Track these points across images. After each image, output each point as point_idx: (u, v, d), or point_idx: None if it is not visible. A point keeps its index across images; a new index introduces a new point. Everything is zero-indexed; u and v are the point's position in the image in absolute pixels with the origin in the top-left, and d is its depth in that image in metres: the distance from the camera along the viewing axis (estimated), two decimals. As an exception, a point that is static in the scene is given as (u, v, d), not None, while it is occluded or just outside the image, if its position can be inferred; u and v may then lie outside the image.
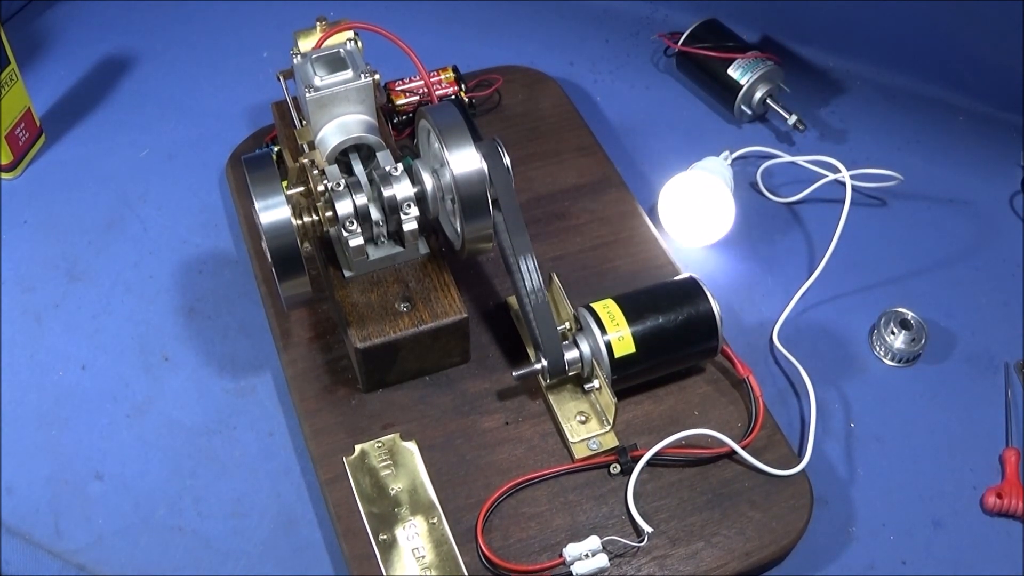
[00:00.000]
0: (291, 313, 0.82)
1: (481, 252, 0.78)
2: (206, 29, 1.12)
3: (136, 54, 1.10)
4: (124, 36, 1.12)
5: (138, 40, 1.11)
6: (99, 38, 1.12)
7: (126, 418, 0.81)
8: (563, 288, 0.78)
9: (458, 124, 0.74)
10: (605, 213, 0.90)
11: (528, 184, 0.91)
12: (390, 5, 1.13)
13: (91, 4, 1.16)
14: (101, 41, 1.11)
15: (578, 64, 1.08)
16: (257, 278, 0.86)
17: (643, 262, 0.86)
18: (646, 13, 1.13)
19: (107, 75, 1.08)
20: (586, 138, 0.96)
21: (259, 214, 0.70)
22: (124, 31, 1.13)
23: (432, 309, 0.76)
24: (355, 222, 0.74)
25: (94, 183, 0.97)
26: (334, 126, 0.78)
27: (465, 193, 0.73)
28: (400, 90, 0.94)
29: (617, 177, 0.93)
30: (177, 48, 1.10)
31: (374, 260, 0.78)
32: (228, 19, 1.13)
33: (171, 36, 1.12)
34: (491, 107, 0.99)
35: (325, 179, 0.75)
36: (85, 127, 1.03)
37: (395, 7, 1.13)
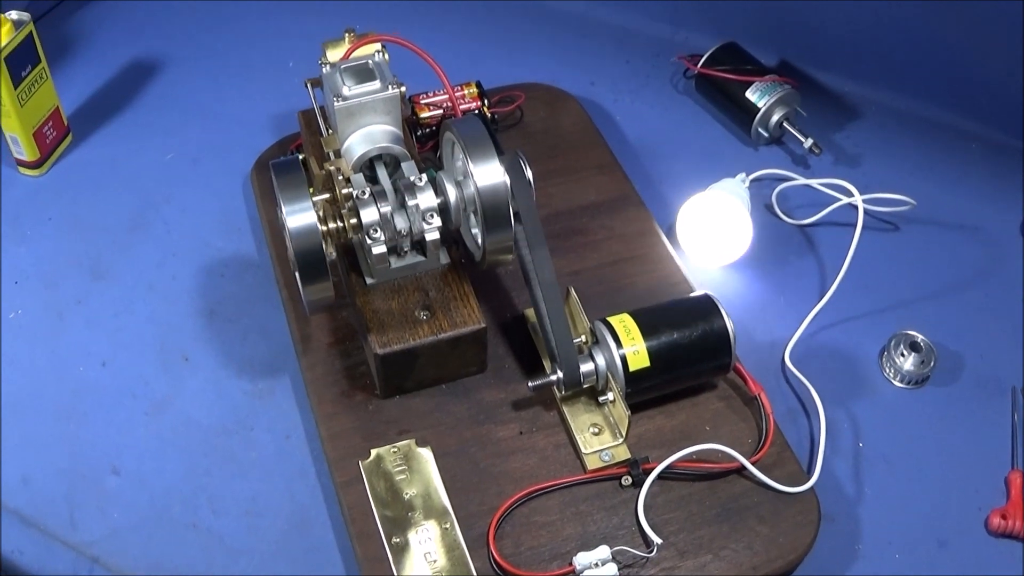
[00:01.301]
0: (311, 318, 0.84)
1: (501, 264, 0.80)
2: (234, 37, 1.15)
3: (164, 58, 1.12)
4: (153, 40, 1.15)
5: (167, 45, 1.14)
6: (128, 41, 1.14)
7: (144, 415, 0.82)
8: (580, 302, 0.80)
9: (483, 137, 0.76)
10: (623, 230, 0.92)
11: (548, 200, 0.94)
12: (415, 20, 1.16)
13: (122, 6, 1.19)
14: (130, 44, 1.14)
15: (599, 84, 1.11)
16: (278, 283, 0.88)
17: (659, 279, 0.88)
18: (667, 35, 1.16)
19: (135, 78, 1.11)
20: (605, 156, 0.99)
21: (286, 218, 0.72)
22: (153, 35, 1.15)
23: (451, 318, 0.78)
24: (379, 230, 0.76)
25: (119, 184, 1.00)
26: (360, 135, 0.80)
27: (488, 205, 0.75)
28: (424, 103, 0.96)
29: (635, 196, 0.95)
30: (205, 54, 1.13)
31: (396, 268, 0.80)
32: (256, 28, 1.16)
33: (199, 42, 1.14)
34: (513, 123, 1.02)
35: (350, 187, 0.77)
36: (112, 128, 1.06)
37: (420, 23, 1.15)
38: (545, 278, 0.77)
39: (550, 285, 0.77)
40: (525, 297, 0.85)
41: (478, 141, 0.76)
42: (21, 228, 0.96)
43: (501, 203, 0.75)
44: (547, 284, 0.77)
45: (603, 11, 1.18)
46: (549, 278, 0.77)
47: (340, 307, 0.85)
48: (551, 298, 0.77)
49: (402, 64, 0.85)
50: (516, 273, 0.85)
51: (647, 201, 0.95)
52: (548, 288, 0.77)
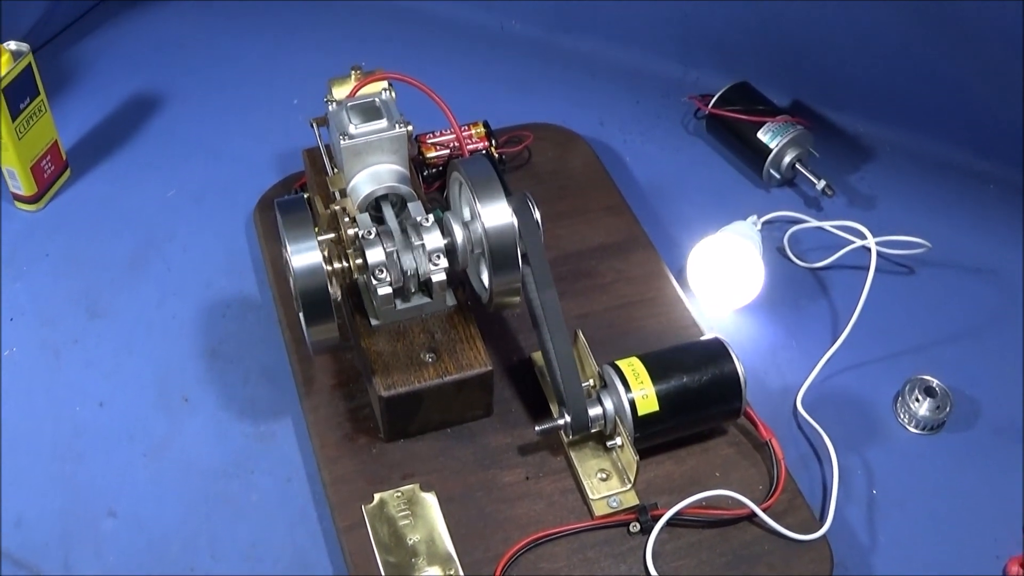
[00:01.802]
0: (315, 359, 0.88)
1: (508, 307, 0.83)
2: (238, 73, 1.20)
3: (167, 94, 1.17)
4: (155, 75, 1.19)
5: (169, 80, 1.18)
6: (130, 75, 1.19)
7: (143, 457, 0.85)
8: (588, 345, 0.84)
9: (491, 177, 0.79)
10: (632, 273, 0.96)
11: (556, 241, 0.97)
12: (422, 58, 1.20)
13: (123, 38, 1.24)
14: (132, 78, 1.18)
15: (608, 124, 1.15)
16: (281, 323, 0.92)
17: (669, 323, 0.92)
18: (677, 75, 1.20)
19: (136, 112, 1.15)
20: (614, 198, 1.03)
21: (291, 257, 0.75)
22: (156, 70, 1.20)
23: (457, 361, 0.81)
24: (385, 270, 0.79)
25: (119, 221, 1.03)
26: (367, 175, 0.84)
27: (495, 246, 0.78)
28: (431, 143, 1.01)
29: (644, 237, 0.99)
30: (208, 91, 1.17)
31: (401, 310, 0.83)
32: (260, 65, 1.21)
33: (202, 78, 1.19)
34: (521, 163, 1.06)
35: (356, 226, 0.80)
36: (112, 164, 1.09)
37: (427, 61, 1.20)
38: (553, 321, 0.80)
39: (558, 328, 0.80)
40: (532, 340, 0.88)
41: (486, 181, 0.79)
42: (17, 264, 0.99)
43: (509, 244, 0.79)
44: (555, 327, 0.80)
45: (612, 51, 1.22)
46: (557, 321, 0.80)
47: (344, 348, 0.88)
48: (559, 341, 0.80)
49: (408, 103, 0.88)
50: (523, 315, 0.88)
51: (657, 243, 0.99)
52: (556, 331, 0.80)
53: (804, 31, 1.12)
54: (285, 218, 0.77)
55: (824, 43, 1.12)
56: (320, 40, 1.24)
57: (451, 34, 1.25)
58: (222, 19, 1.27)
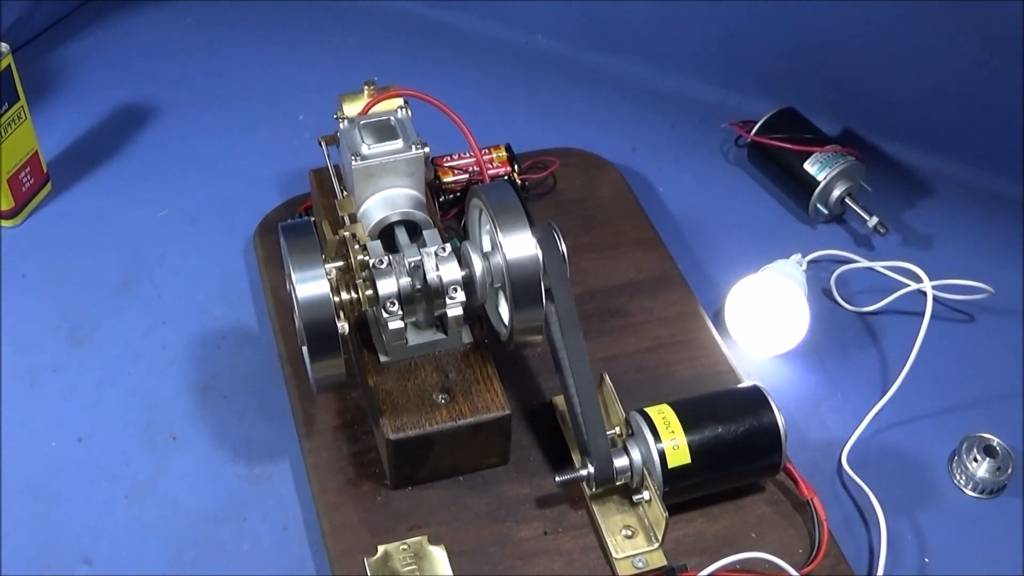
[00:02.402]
0: (316, 398, 0.90)
1: (529, 346, 0.86)
2: (239, 84, 1.23)
3: (160, 104, 1.20)
4: (147, 83, 1.22)
5: (163, 88, 1.22)
6: (119, 82, 1.22)
7: (124, 499, 0.87)
8: (615, 390, 0.86)
9: (514, 205, 0.82)
10: (664, 313, 0.99)
11: (582, 276, 1.00)
12: (440, 75, 1.24)
13: (112, 41, 1.27)
14: (121, 86, 1.21)
15: (641, 150, 1.18)
16: (281, 357, 0.95)
17: (703, 368, 0.94)
18: (717, 99, 1.23)
19: (126, 123, 1.18)
20: (646, 231, 1.06)
21: (296, 286, 0.78)
22: (148, 77, 1.23)
23: (472, 403, 0.84)
24: (396, 303, 0.82)
25: (105, 240, 1.06)
26: (379, 199, 0.87)
27: (517, 280, 0.81)
28: (449, 166, 1.04)
29: (678, 275, 1.02)
30: (205, 102, 1.21)
31: (413, 346, 0.86)
32: (263, 76, 1.24)
33: (199, 88, 1.22)
34: (545, 191, 1.09)
35: (367, 255, 0.83)
36: (98, 178, 1.12)
37: (446, 78, 1.23)
38: (577, 363, 0.83)
39: (583, 371, 0.83)
40: (554, 383, 0.90)
41: (508, 209, 0.82)
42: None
43: (532, 278, 0.81)
44: (579, 369, 0.83)
45: (647, 71, 1.25)
46: (582, 363, 0.83)
47: (349, 386, 0.91)
48: (583, 385, 0.83)
49: (425, 122, 0.91)
50: (545, 356, 0.92)
51: (692, 282, 1.02)
52: (580, 374, 0.83)
53: (856, 53, 1.15)
54: (290, 243, 0.79)
55: (878, 67, 1.14)
56: (330, 51, 1.27)
57: (472, 49, 1.28)
58: (222, 24, 1.30)
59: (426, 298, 0.83)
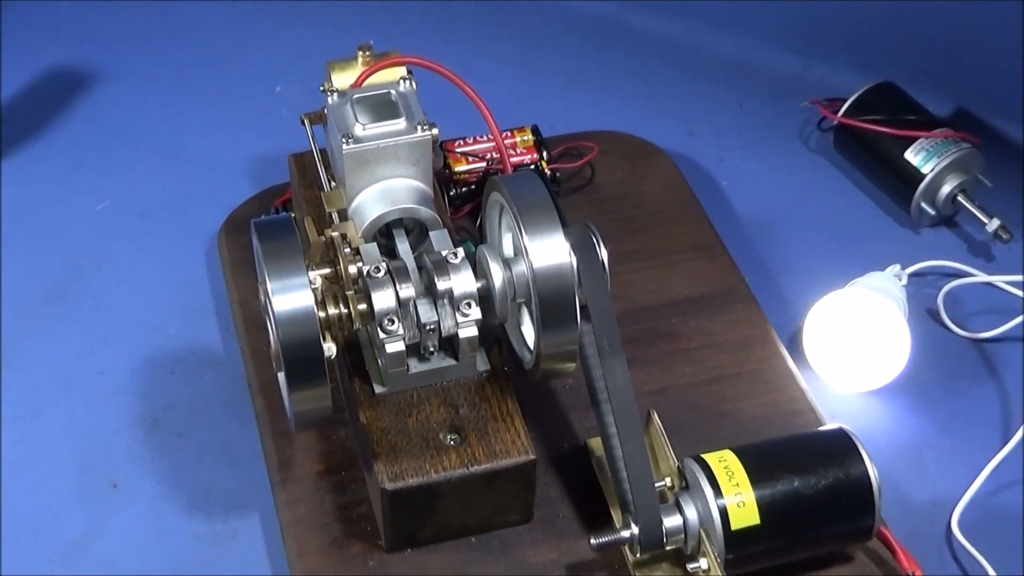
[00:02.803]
0: (295, 437, 0.92)
1: (559, 375, 0.87)
2: (200, 47, 1.24)
3: (100, 69, 1.22)
4: (85, 42, 1.23)
5: (103, 50, 1.23)
6: (48, 42, 1.23)
7: (49, 562, 0.88)
8: (665, 432, 0.88)
9: (543, 202, 0.83)
10: (726, 337, 1.00)
11: (624, 291, 1.02)
12: (451, 39, 1.25)
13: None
14: (51, 46, 1.23)
15: (700, 134, 1.20)
16: (251, 387, 0.97)
17: (775, 405, 0.96)
18: (796, 71, 1.25)
19: (57, 93, 1.19)
20: (705, 234, 1.08)
21: (272, 298, 0.79)
22: (85, 36, 1.24)
23: (488, 445, 0.85)
24: (396, 321, 0.83)
25: (30, 239, 1.08)
26: (376, 192, 0.89)
27: (546, 294, 0.82)
28: (462, 153, 1.06)
29: (745, 289, 1.04)
30: (157, 68, 1.22)
31: (416, 374, 0.87)
32: (231, 38, 1.25)
33: (149, 51, 1.24)
34: (580, 184, 1.11)
35: (360, 261, 0.84)
36: (20, 160, 1.14)
37: (458, 43, 1.24)
38: (619, 397, 0.84)
39: (626, 407, 0.84)
40: (589, 422, 0.92)
41: (536, 206, 0.83)
42: None
43: (564, 293, 0.82)
44: (622, 405, 0.84)
45: (706, 37, 1.27)
46: (625, 398, 0.84)
47: (336, 423, 0.92)
48: (626, 425, 0.84)
49: (433, 98, 0.92)
50: (579, 388, 0.93)
51: (761, 298, 1.04)
52: (623, 411, 0.84)
53: (972, 14, 1.16)
54: (265, 245, 0.80)
55: (999, 31, 1.15)
56: (317, 6, 1.27)
57: (492, 7, 1.29)
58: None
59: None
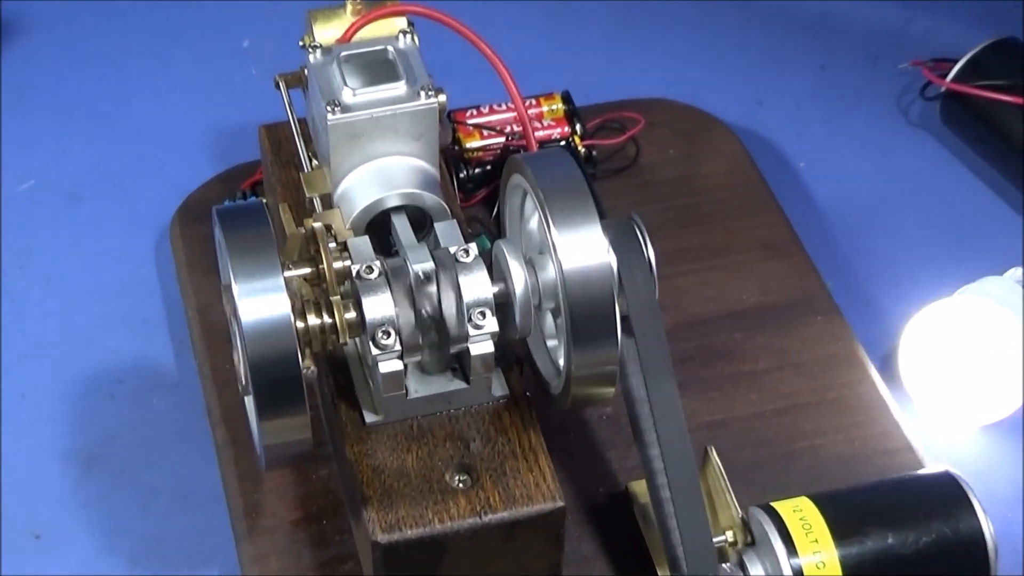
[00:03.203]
0: (265, 477, 0.94)
1: (594, 403, 0.90)
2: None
3: (20, 17, 1.23)
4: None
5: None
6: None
7: None
8: (726, 475, 0.90)
9: (576, 187, 0.85)
10: (803, 356, 1.03)
11: (675, 298, 1.04)
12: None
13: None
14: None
15: (771, 103, 1.23)
16: (211, 414, 0.99)
17: (864, 442, 0.98)
18: (896, 24, 1.27)
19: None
20: (778, 229, 1.10)
21: (238, 304, 0.80)
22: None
23: (506, 489, 0.86)
24: (392, 333, 0.84)
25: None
26: (369, 173, 0.91)
27: (579, 301, 0.83)
28: (474, 125, 1.08)
29: (826, 298, 1.06)
30: (93, 14, 1.24)
31: (417, 400, 0.89)
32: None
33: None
34: (622, 165, 1.13)
35: (348, 258, 0.86)
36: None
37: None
38: (669, 430, 0.86)
39: (677, 443, 0.86)
40: (631, 460, 0.94)
41: (567, 192, 0.84)
42: None
43: (601, 300, 0.83)
44: (672, 441, 0.86)
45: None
46: (675, 431, 0.86)
47: (316, 460, 0.95)
48: (677, 465, 0.86)
49: (439, 57, 0.94)
50: (619, 419, 0.96)
51: (847, 308, 1.06)
52: (673, 448, 0.86)
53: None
54: (231, 238, 0.82)
55: None
56: None
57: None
58: None
59: (438, 327, 0.87)
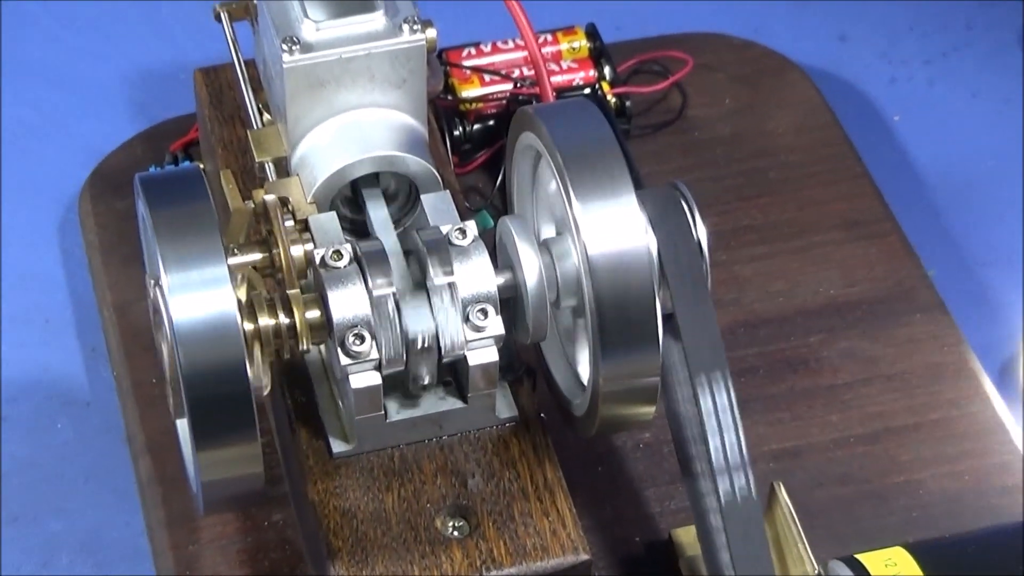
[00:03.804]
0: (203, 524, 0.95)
1: (628, 426, 0.91)
2: None
3: None
4: None
5: None
6: None
7: None
8: (796, 516, 0.91)
9: (605, 148, 0.86)
10: (898, 366, 1.04)
11: (734, 291, 1.06)
12: None
13: None
14: None
15: (855, 40, 1.25)
16: (132, 442, 1.00)
17: (976, 476, 0.99)
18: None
19: None
20: (866, 201, 1.12)
21: (168, 299, 0.81)
22: None
23: (515, 539, 0.87)
24: (367, 338, 0.86)
25: None
26: (336, 131, 0.92)
27: (608, 296, 0.84)
28: (472, 68, 1.09)
29: (928, 291, 1.08)
30: None
31: (400, 423, 0.90)
32: None
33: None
34: (665, 119, 1.16)
35: (309, 241, 0.88)
36: None
37: None
38: (725, 463, 0.87)
39: (735, 478, 0.87)
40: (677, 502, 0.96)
41: (593, 156, 0.86)
42: None
43: (637, 295, 0.85)
44: (729, 476, 0.87)
45: None
46: (733, 463, 0.87)
47: (269, 503, 0.96)
48: (736, 506, 0.87)
49: None
50: (661, 447, 0.98)
51: (955, 305, 1.07)
52: (731, 484, 0.87)
53: None
54: (159, 216, 0.83)
55: None
56: None
57: None
58: None
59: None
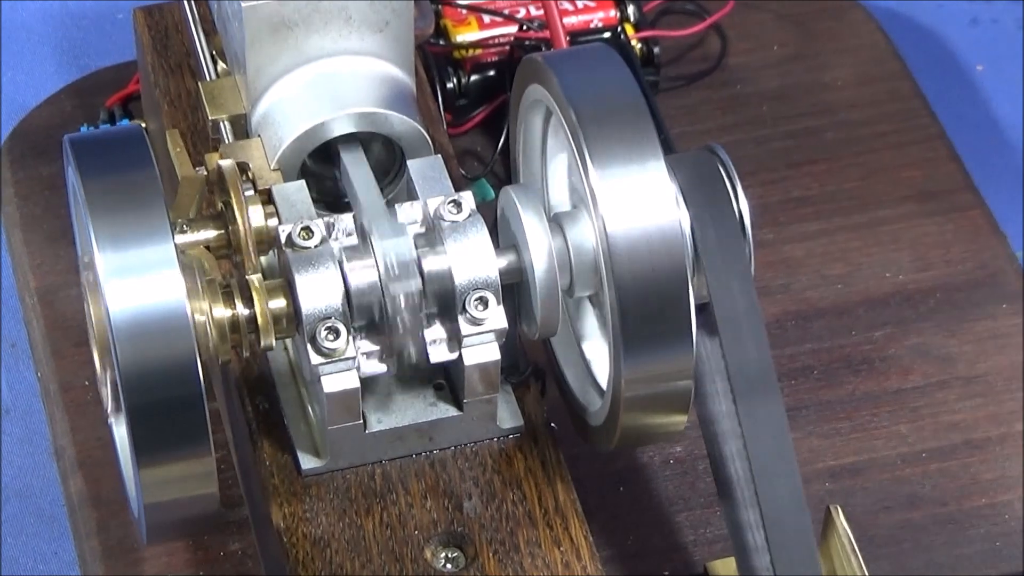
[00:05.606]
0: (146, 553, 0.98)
1: (655, 438, 0.93)
2: None
3: None
4: None
5: None
6: None
7: None
8: (856, 546, 0.93)
9: (628, 103, 0.88)
10: (980, 366, 1.07)
11: (784, 276, 1.09)
12: None
13: None
14: None
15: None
16: (60, 456, 1.02)
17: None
18: None
19: None
20: (942, 167, 1.15)
21: (104, 286, 0.83)
22: None
23: (519, 572, 0.90)
24: (341, 332, 0.88)
25: None
26: (305, 84, 0.94)
27: (631, 283, 0.86)
28: (468, 7, 1.12)
29: (1015, 273, 1.10)
30: None
31: (382, 434, 0.93)
32: None
33: None
34: (700, 69, 1.19)
35: (275, 216, 0.90)
36: None
37: None
38: (772, 482, 0.90)
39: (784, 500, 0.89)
40: (713, 529, 0.99)
41: (614, 114, 0.88)
42: None
43: (666, 280, 0.87)
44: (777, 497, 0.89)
45: None
46: (783, 483, 0.89)
47: (224, 529, 0.99)
48: (785, 534, 0.89)
49: None
50: (695, 463, 1.00)
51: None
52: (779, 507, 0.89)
53: None
54: (91, 185, 0.85)
55: None
56: None
57: None
58: None
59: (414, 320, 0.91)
